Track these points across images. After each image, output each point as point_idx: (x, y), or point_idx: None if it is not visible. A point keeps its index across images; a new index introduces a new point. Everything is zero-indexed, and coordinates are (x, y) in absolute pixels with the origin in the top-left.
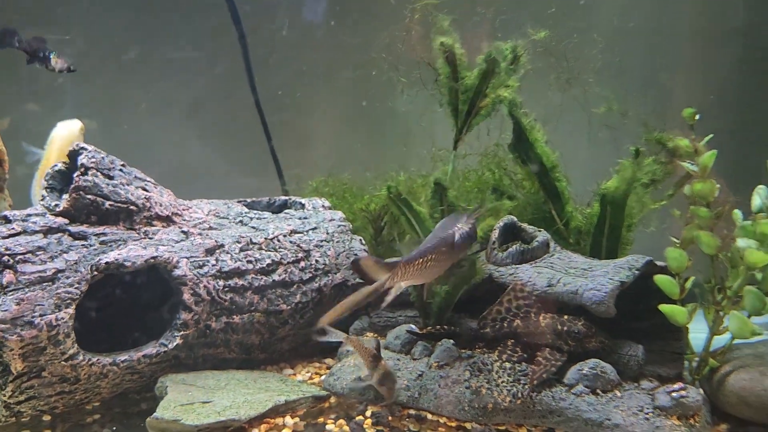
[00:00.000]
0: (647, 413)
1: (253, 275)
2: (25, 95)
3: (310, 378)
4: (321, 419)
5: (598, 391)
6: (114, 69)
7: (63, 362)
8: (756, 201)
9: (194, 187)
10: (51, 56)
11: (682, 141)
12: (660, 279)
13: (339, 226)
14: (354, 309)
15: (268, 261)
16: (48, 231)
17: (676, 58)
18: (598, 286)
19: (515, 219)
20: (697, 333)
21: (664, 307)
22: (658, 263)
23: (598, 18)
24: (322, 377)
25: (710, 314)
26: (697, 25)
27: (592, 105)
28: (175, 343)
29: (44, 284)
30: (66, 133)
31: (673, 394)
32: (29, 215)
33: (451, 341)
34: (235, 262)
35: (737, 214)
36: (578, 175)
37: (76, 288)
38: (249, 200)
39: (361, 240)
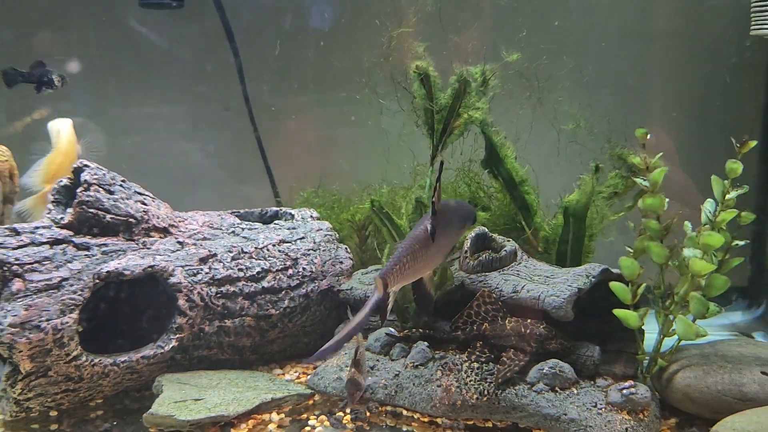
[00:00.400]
0: (600, 408)
1: (244, 282)
2: (31, 102)
3: (298, 378)
4: (305, 415)
5: (557, 388)
6: (120, 81)
7: (67, 363)
8: (703, 214)
9: (193, 194)
10: (54, 78)
11: (635, 158)
12: (614, 285)
13: (326, 235)
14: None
15: (258, 269)
16: (54, 242)
17: (645, 73)
18: (558, 292)
19: (486, 230)
20: (652, 334)
21: (617, 312)
22: (614, 271)
23: (570, 38)
24: (308, 377)
25: (661, 318)
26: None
27: (561, 122)
28: (171, 345)
29: (50, 291)
30: (70, 129)
31: (624, 391)
32: (36, 228)
33: (426, 343)
34: (227, 270)
35: (687, 225)
36: (549, 188)
37: (79, 295)
38: (242, 211)
39: (346, 248)
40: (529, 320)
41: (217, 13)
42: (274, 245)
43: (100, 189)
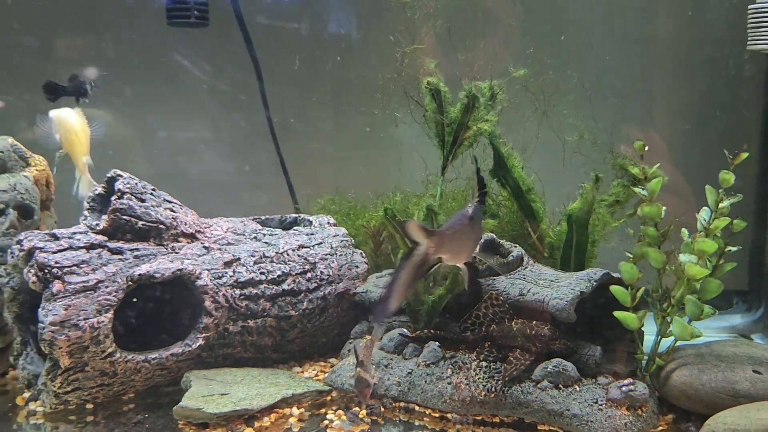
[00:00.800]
0: (601, 405)
1: (266, 285)
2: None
3: (316, 375)
4: (323, 410)
5: (560, 386)
6: (144, 94)
7: (103, 359)
8: (699, 222)
9: (217, 200)
10: (87, 88)
11: (634, 169)
12: (615, 289)
13: (342, 240)
14: (412, 283)
15: (279, 272)
16: (90, 247)
17: (649, 82)
18: (561, 295)
19: (494, 236)
20: (650, 335)
21: (618, 314)
22: (615, 275)
23: (575, 53)
24: (326, 374)
25: (658, 319)
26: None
27: (566, 134)
28: (198, 344)
29: (87, 292)
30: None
31: (623, 389)
32: (74, 233)
33: (437, 343)
34: (250, 273)
35: (684, 232)
36: (554, 196)
37: (114, 296)
38: (263, 217)
39: (361, 253)
40: (534, 322)
41: (239, 30)
42: (293, 250)
43: (133, 197)
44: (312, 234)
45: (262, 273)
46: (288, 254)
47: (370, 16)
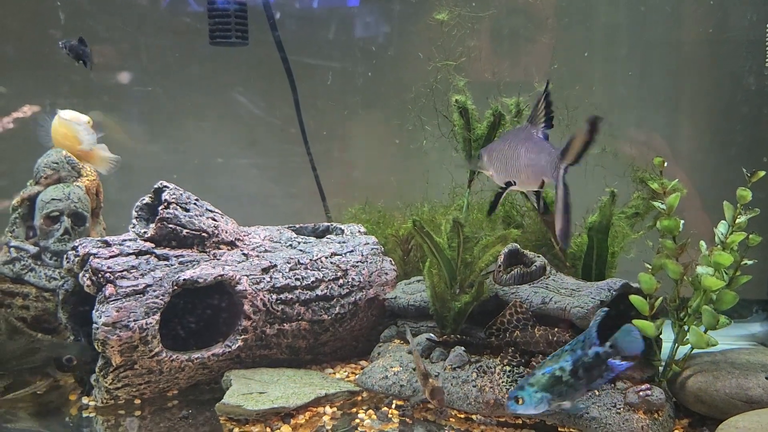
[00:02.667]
0: (618, 408)
1: (300, 290)
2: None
3: (347, 377)
4: (354, 409)
5: None
6: (187, 105)
7: (150, 358)
8: (716, 235)
9: (251, 209)
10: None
11: (653, 184)
12: (634, 298)
13: (372, 248)
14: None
15: (313, 279)
16: (139, 253)
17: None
18: (582, 303)
19: (518, 246)
20: (668, 343)
21: (636, 322)
22: (633, 285)
23: (598, 69)
24: (357, 376)
25: (676, 328)
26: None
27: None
28: (237, 345)
29: (137, 296)
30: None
31: (640, 393)
32: (124, 240)
33: (463, 348)
34: (286, 279)
35: (702, 245)
36: (576, 208)
37: (160, 299)
38: (297, 226)
39: (391, 261)
40: (556, 329)
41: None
42: (326, 257)
43: (178, 207)
44: (344, 242)
45: (297, 279)
46: (321, 261)
47: (402, 31)
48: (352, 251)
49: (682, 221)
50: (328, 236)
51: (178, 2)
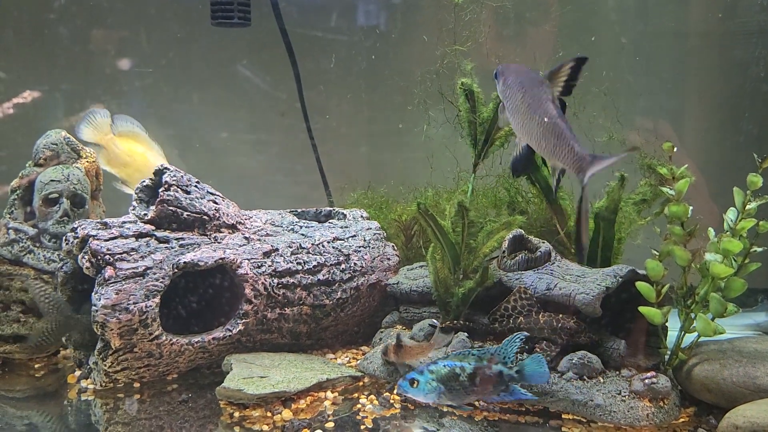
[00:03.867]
0: (623, 396)
1: (302, 275)
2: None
3: (348, 362)
4: (356, 394)
5: (585, 377)
6: (190, 89)
7: (150, 341)
8: (725, 221)
9: (254, 193)
10: None
11: (662, 169)
12: (640, 285)
13: (375, 234)
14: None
15: (314, 263)
16: (139, 235)
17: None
18: (587, 290)
19: (522, 232)
20: (674, 331)
21: (642, 309)
22: (640, 271)
23: (606, 56)
24: (358, 361)
25: (682, 315)
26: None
27: (595, 135)
28: (238, 329)
29: (136, 278)
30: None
31: (646, 381)
32: (124, 222)
33: (466, 334)
34: (287, 263)
35: (711, 231)
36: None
37: (161, 282)
38: (299, 210)
39: (393, 246)
40: (560, 315)
41: (279, 32)
42: (328, 242)
43: (179, 189)
44: (346, 227)
45: (298, 263)
46: (323, 246)
47: (406, 14)
48: (354, 236)
49: (691, 207)
50: (330, 221)
51: None
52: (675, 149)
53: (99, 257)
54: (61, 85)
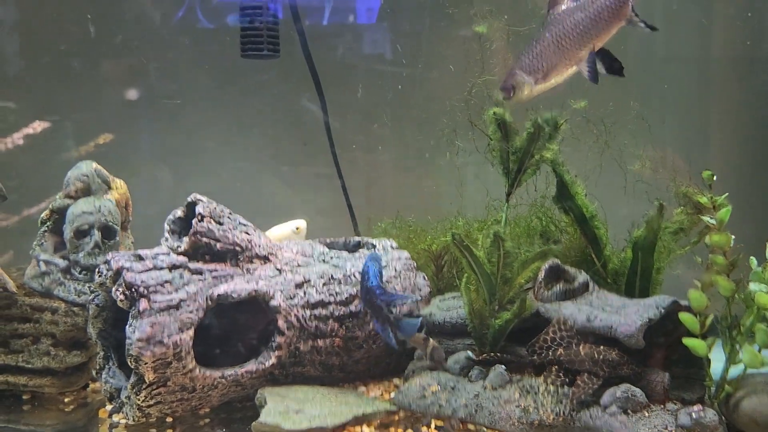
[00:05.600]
0: (670, 430)
1: (334, 306)
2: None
3: (381, 395)
4: (391, 429)
5: (629, 411)
6: (211, 118)
7: (184, 374)
8: None
9: (279, 222)
10: None
11: (702, 198)
12: (684, 316)
13: (405, 264)
14: None
15: (347, 294)
16: (173, 267)
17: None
18: (630, 322)
19: (559, 262)
20: (719, 363)
21: (687, 341)
22: (682, 302)
23: (633, 86)
24: (392, 395)
25: (728, 347)
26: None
27: (627, 163)
28: (271, 362)
29: (170, 310)
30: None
31: (693, 415)
32: (157, 254)
33: (503, 366)
34: (320, 294)
35: (753, 261)
36: (617, 223)
37: (195, 314)
38: (329, 240)
39: (424, 276)
40: (602, 347)
41: (306, 63)
42: (360, 273)
43: (212, 220)
44: None
45: (330, 294)
46: (355, 276)
47: (431, 45)
48: (385, 266)
49: (733, 237)
50: (360, 251)
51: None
52: (714, 177)
53: (133, 289)
54: (74, 114)
